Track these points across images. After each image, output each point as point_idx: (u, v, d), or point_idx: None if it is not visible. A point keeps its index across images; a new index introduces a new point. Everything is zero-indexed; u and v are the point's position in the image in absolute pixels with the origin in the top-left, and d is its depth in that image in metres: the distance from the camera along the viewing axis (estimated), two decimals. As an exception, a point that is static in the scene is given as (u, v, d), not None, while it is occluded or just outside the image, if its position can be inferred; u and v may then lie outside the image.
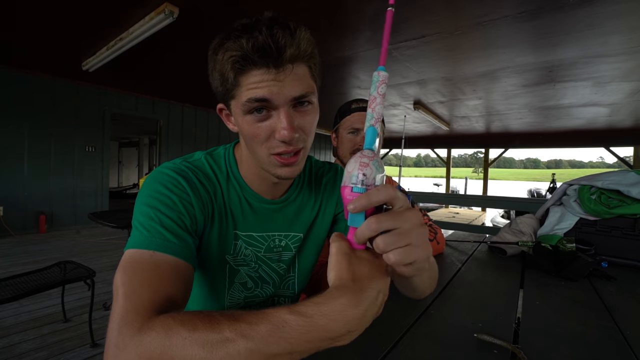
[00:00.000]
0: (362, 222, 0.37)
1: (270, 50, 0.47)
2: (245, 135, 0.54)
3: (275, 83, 0.48)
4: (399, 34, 3.18)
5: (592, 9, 2.54)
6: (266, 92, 0.48)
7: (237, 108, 0.52)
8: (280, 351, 0.34)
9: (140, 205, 0.51)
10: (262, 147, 0.53)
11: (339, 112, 1.22)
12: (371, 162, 0.38)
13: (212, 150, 0.65)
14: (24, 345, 1.94)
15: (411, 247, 0.36)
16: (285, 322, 0.34)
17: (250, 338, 0.34)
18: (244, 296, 0.66)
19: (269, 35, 0.47)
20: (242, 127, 0.53)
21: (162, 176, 0.54)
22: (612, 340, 0.64)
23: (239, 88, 0.50)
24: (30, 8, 2.97)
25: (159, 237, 0.47)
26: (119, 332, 0.38)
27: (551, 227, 1.34)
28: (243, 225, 0.62)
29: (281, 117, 0.50)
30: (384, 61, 0.40)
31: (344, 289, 0.35)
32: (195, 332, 0.35)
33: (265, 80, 0.48)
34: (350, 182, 0.38)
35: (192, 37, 3.42)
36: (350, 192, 0.38)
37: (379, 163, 0.39)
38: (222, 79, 0.51)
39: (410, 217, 0.37)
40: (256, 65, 0.48)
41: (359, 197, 0.37)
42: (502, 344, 0.59)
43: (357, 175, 0.38)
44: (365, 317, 0.35)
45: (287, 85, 0.49)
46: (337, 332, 0.34)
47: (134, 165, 13.68)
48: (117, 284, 0.43)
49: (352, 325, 0.35)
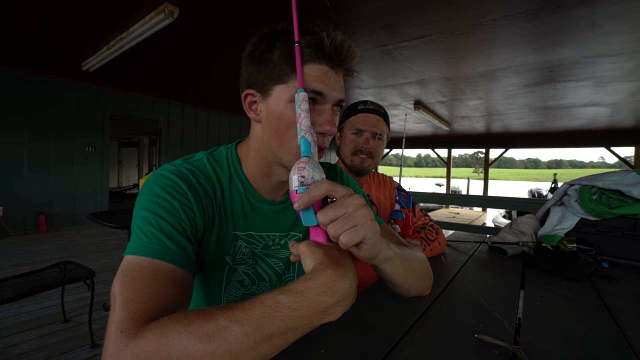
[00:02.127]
0: (314, 219, 0.43)
1: (341, 52, 0.53)
2: (283, 122, 0.54)
3: (332, 82, 0.53)
4: (399, 34, 3.18)
5: (593, 9, 2.54)
6: (324, 87, 0.52)
7: (284, 94, 0.53)
8: (274, 330, 0.36)
9: (140, 209, 0.51)
10: (296, 138, 0.53)
11: (345, 111, 1.21)
12: (307, 165, 0.44)
13: (213, 150, 0.64)
14: (23, 346, 1.94)
15: (357, 227, 0.42)
16: (278, 302, 0.37)
17: (245, 322, 0.36)
18: (240, 294, 0.65)
19: (343, 41, 0.53)
20: (284, 114, 0.53)
21: (163, 179, 0.53)
22: (613, 340, 0.64)
23: (295, 75, 0.52)
24: (30, 8, 2.97)
25: (159, 244, 0.47)
26: (115, 340, 0.38)
27: (552, 227, 1.34)
28: (243, 225, 0.62)
29: (326, 112, 0.54)
30: (301, 84, 0.49)
31: (326, 264, 0.39)
32: (191, 326, 0.36)
33: (326, 76, 0.53)
34: (293, 187, 0.44)
35: (192, 37, 3.42)
36: (295, 194, 0.44)
37: (315, 165, 0.45)
38: (277, 63, 0.53)
39: (351, 201, 0.42)
40: (325, 60, 0.52)
41: (301, 196, 0.42)
42: (502, 345, 0.58)
43: (297, 179, 0.44)
44: (351, 288, 0.39)
45: (337, 87, 0.55)
46: (327, 303, 0.37)
47: (133, 166, 13.68)
48: (115, 292, 0.42)
49: (340, 295, 0.38)
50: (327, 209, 0.42)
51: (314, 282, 0.37)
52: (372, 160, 1.14)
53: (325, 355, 0.54)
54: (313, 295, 0.37)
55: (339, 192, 0.43)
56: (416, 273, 0.68)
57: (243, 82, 0.59)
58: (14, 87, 4.79)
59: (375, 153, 1.14)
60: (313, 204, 0.43)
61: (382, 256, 0.52)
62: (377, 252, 0.48)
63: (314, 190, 0.42)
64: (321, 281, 0.37)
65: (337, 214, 0.42)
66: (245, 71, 0.58)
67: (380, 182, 1.29)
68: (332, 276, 0.38)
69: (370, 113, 1.15)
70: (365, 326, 0.64)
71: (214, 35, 3.29)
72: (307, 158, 0.46)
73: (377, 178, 1.30)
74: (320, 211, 0.42)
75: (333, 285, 0.37)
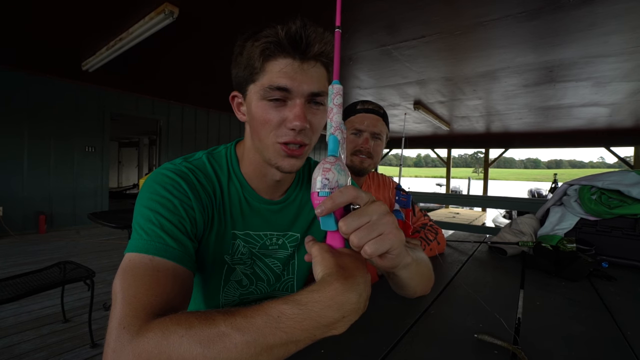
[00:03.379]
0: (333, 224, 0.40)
1: (300, 41, 0.50)
2: (256, 121, 0.55)
3: (297, 75, 0.51)
4: (399, 34, 3.18)
5: (593, 9, 2.54)
6: (288, 82, 0.51)
7: (255, 93, 0.54)
8: (276, 342, 0.35)
9: (140, 208, 0.51)
10: (270, 135, 0.54)
11: (344, 112, 1.21)
12: (333, 167, 0.41)
13: (212, 150, 0.65)
14: (23, 346, 1.94)
15: (383, 237, 0.39)
16: (281, 312, 0.35)
17: (246, 331, 0.35)
18: (239, 293, 0.66)
19: (302, 27, 0.50)
20: (255, 112, 0.55)
21: (163, 178, 0.54)
22: (613, 340, 0.64)
23: (262, 73, 0.53)
24: (30, 8, 2.97)
25: (159, 242, 0.47)
26: (117, 336, 0.38)
27: (551, 227, 1.34)
28: (242, 224, 0.62)
29: (296, 107, 0.52)
30: (337, 76, 0.43)
31: (335, 276, 0.36)
32: (192, 330, 0.36)
33: (289, 69, 0.51)
34: (316, 188, 0.41)
35: (192, 37, 3.42)
36: (317, 197, 0.40)
37: (341, 167, 0.41)
38: (248, 64, 0.54)
39: (375, 209, 0.40)
40: (285, 52, 0.51)
41: (323, 201, 0.39)
42: (502, 344, 0.58)
43: (321, 181, 0.40)
44: (359, 303, 0.37)
45: (307, 80, 0.52)
46: (332, 318, 0.35)
47: (133, 166, 13.68)
48: (116, 289, 0.43)
49: (346, 311, 0.36)
50: (350, 217, 0.39)
51: (320, 294, 0.35)
52: (372, 160, 1.14)
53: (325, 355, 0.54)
54: (318, 309, 0.35)
55: (363, 199, 0.40)
56: (425, 276, 0.68)
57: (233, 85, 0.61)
58: (14, 87, 4.79)
59: (374, 153, 1.14)
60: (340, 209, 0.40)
61: (403, 264, 0.49)
62: (400, 261, 0.46)
63: (338, 197, 0.39)
64: (327, 295, 0.35)
65: (360, 223, 0.39)
66: (232, 74, 0.59)
67: (380, 182, 1.29)
68: (340, 290, 0.35)
69: (369, 113, 1.15)
70: (365, 326, 0.64)
71: (214, 35, 3.29)
72: (333, 158, 0.42)
73: (377, 178, 1.30)
74: (342, 220, 0.39)
75: (339, 299, 0.35)
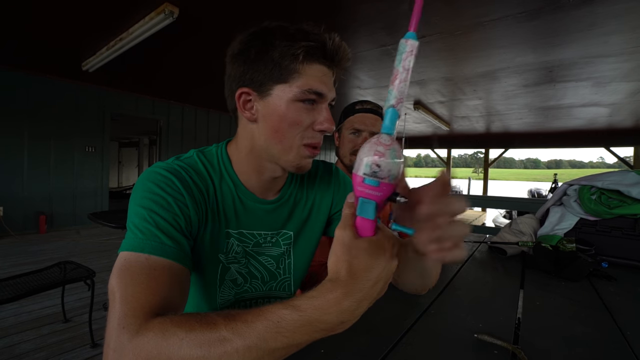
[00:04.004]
0: (372, 212, 0.36)
1: (337, 53, 0.55)
2: (284, 121, 0.55)
3: (329, 82, 0.56)
4: (399, 34, 3.17)
5: (593, 9, 2.54)
6: (324, 88, 0.55)
7: (286, 93, 0.54)
8: (277, 346, 0.35)
9: (134, 207, 0.51)
10: (298, 136, 0.56)
11: (344, 112, 1.22)
12: (388, 151, 0.34)
13: (204, 149, 0.65)
14: (23, 346, 1.94)
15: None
16: (281, 318, 0.35)
17: (247, 336, 0.35)
18: (234, 293, 0.65)
19: (341, 42, 0.55)
20: (285, 113, 0.55)
21: (156, 176, 0.53)
22: (613, 340, 0.64)
23: (297, 74, 0.53)
24: (30, 8, 2.97)
25: (154, 240, 0.47)
26: (117, 335, 0.38)
27: (551, 227, 1.34)
28: (235, 223, 0.62)
29: (324, 110, 0.57)
30: (415, 26, 0.33)
31: (338, 282, 0.36)
32: (192, 333, 0.36)
33: (325, 77, 0.55)
34: (361, 172, 0.35)
35: (192, 37, 3.42)
36: (362, 183, 0.35)
37: (396, 151, 0.34)
38: (279, 63, 0.53)
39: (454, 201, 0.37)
40: (324, 59, 0.55)
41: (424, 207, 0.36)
42: (502, 344, 0.59)
43: (370, 166, 0.34)
44: (358, 309, 0.36)
45: (332, 87, 0.58)
46: (330, 323, 0.35)
47: (133, 166, 13.67)
48: (113, 288, 0.42)
49: (345, 317, 0.36)
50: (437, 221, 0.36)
51: (320, 301, 0.35)
52: None
53: (325, 355, 0.54)
54: (317, 315, 0.35)
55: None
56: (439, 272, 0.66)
57: (233, 81, 0.57)
58: (14, 87, 4.79)
59: None
60: (383, 198, 0.35)
61: None
62: None
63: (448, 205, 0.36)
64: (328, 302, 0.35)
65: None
66: (235, 70, 0.57)
67: None
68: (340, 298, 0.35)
69: (368, 113, 1.15)
70: (365, 326, 0.64)
71: (214, 36, 3.30)
72: (389, 138, 0.35)
73: None
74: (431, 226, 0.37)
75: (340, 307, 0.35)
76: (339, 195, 0.73)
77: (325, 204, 0.72)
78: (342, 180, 0.77)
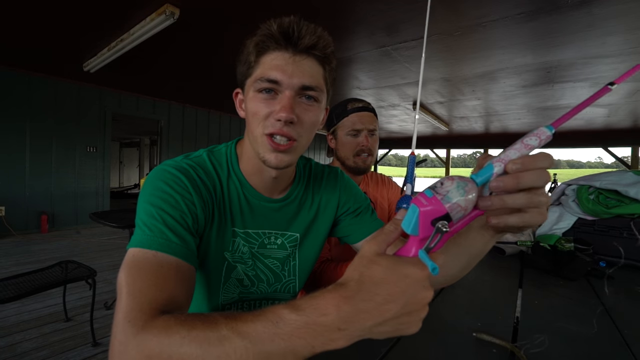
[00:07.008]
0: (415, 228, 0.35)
1: (292, 33, 0.52)
2: (248, 113, 0.57)
3: (289, 67, 0.52)
4: (398, 35, 3.19)
5: (591, 10, 2.55)
6: (278, 74, 0.52)
7: (250, 86, 0.56)
8: (274, 349, 0.34)
9: (143, 204, 0.52)
10: (258, 126, 0.55)
11: (334, 113, 1.19)
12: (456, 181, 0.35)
13: (213, 148, 0.66)
14: (25, 345, 1.95)
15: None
16: (280, 317, 0.35)
17: (246, 336, 0.35)
18: (239, 291, 0.66)
19: (294, 22, 0.52)
20: (248, 105, 0.57)
21: (165, 174, 0.55)
22: (610, 338, 0.65)
23: (257, 67, 0.55)
24: (30, 8, 2.97)
25: (162, 237, 0.48)
26: (123, 329, 0.39)
27: (550, 226, 1.35)
28: (241, 222, 0.63)
29: (284, 98, 0.53)
30: (557, 123, 0.37)
31: (343, 286, 0.35)
32: (193, 331, 0.36)
33: (280, 62, 0.52)
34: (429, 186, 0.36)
35: (193, 38, 3.43)
36: (421, 193, 0.35)
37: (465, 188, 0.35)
38: (246, 59, 0.56)
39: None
40: (277, 44, 0.52)
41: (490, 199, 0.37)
42: (501, 343, 0.60)
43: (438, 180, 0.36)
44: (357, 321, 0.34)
45: (298, 72, 0.53)
46: (329, 326, 0.33)
47: (134, 166, 13.66)
48: (121, 283, 0.43)
49: (343, 323, 0.33)
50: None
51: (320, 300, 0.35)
52: (372, 157, 1.16)
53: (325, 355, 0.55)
54: (315, 315, 0.34)
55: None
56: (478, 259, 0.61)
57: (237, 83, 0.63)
58: (15, 87, 4.79)
59: (373, 149, 1.16)
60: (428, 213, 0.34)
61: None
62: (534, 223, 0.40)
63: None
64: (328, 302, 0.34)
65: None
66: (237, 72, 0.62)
67: (378, 180, 1.30)
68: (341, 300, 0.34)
69: (362, 111, 1.15)
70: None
71: (214, 36, 3.30)
72: (471, 181, 0.36)
73: (375, 177, 1.31)
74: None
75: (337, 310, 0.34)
76: (344, 197, 0.74)
77: (331, 206, 0.72)
78: (348, 182, 0.77)
